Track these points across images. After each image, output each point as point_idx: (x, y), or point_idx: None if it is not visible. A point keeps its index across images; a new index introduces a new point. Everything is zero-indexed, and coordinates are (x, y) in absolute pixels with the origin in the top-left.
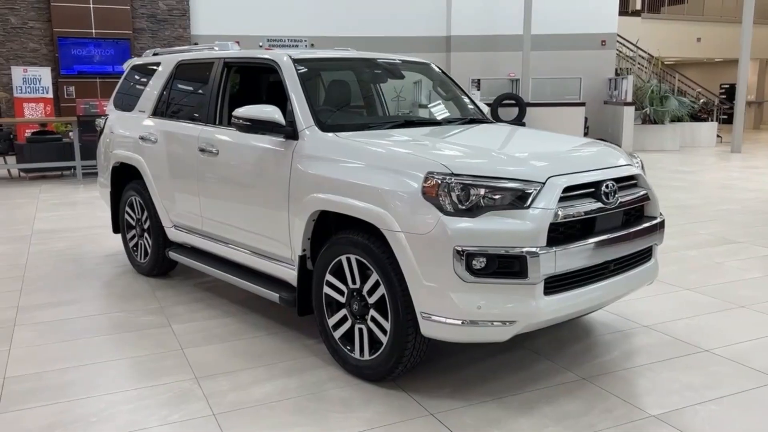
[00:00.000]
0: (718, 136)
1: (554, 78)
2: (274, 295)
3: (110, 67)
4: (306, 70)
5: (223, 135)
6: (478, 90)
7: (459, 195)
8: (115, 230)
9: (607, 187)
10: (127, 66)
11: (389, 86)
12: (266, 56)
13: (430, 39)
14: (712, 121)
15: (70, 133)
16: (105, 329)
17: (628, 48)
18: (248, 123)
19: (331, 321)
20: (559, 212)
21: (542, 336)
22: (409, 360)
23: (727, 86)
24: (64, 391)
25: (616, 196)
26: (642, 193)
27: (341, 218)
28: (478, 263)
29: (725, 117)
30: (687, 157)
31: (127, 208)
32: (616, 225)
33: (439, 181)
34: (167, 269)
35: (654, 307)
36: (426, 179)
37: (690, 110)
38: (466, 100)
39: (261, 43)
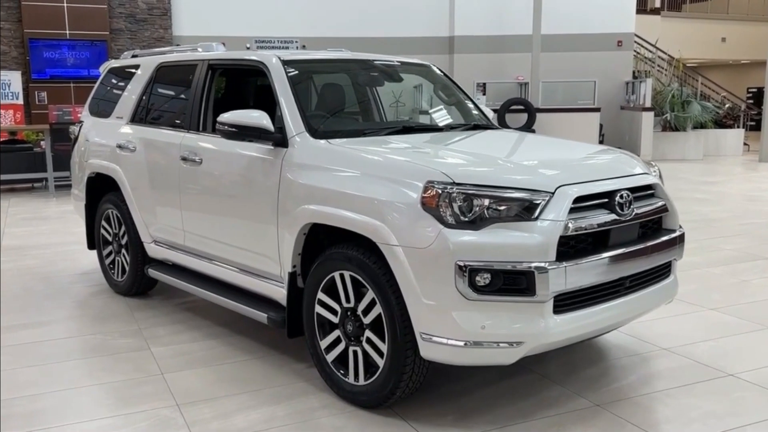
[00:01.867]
0: (744, 144)
1: (566, 81)
2: (261, 316)
3: (85, 71)
4: (296, 72)
5: (207, 142)
6: (484, 94)
7: (461, 206)
8: (90, 246)
9: (621, 197)
10: (103, 69)
11: (386, 90)
12: (254, 57)
13: (432, 39)
14: (738, 127)
15: (42, 142)
16: (79, 353)
17: (646, 49)
18: (234, 129)
19: (324, 343)
20: (570, 224)
21: (552, 359)
22: (407, 385)
23: (754, 90)
24: (35, 419)
25: (632, 207)
26: (660, 204)
27: (334, 232)
28: (482, 279)
29: (753, 123)
30: (711, 166)
31: (103, 222)
32: (631, 238)
33: (440, 191)
34: (146, 288)
35: (674, 328)
36: (425, 189)
37: (714, 116)
38: (470, 104)
39: (248, 45)
